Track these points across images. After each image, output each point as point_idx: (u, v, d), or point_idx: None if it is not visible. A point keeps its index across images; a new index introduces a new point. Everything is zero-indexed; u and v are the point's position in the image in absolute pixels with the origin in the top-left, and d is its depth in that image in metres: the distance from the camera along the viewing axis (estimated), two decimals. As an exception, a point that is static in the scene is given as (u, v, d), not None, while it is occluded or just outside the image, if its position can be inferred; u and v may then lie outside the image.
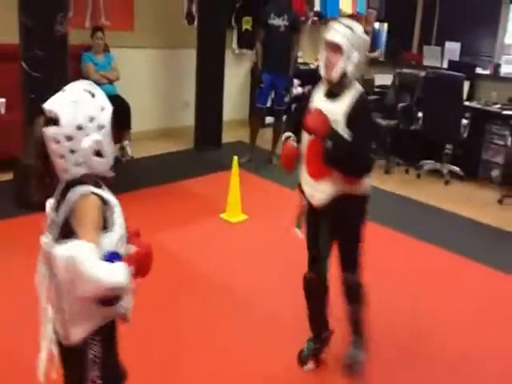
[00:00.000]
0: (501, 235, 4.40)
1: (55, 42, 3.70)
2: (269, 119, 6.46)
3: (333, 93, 2.20)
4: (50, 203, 1.46)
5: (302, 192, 2.34)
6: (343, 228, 2.29)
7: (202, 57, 5.55)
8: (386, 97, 5.87)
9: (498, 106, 5.54)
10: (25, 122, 3.86)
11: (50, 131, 1.36)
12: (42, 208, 1.51)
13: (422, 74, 5.56)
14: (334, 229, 2.30)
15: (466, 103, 5.48)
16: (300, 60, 7.12)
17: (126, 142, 5.48)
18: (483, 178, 5.73)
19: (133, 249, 1.44)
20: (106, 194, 1.43)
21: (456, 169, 5.67)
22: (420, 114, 5.53)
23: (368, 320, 2.42)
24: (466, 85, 5.38)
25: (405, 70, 5.80)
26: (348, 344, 2.43)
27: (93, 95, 1.41)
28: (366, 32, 7.28)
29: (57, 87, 1.52)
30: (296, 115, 2.39)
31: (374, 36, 6.70)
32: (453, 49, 6.02)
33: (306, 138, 2.24)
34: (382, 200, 5.05)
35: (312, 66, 7.97)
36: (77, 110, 1.37)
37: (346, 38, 2.12)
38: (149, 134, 6.04)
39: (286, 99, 5.47)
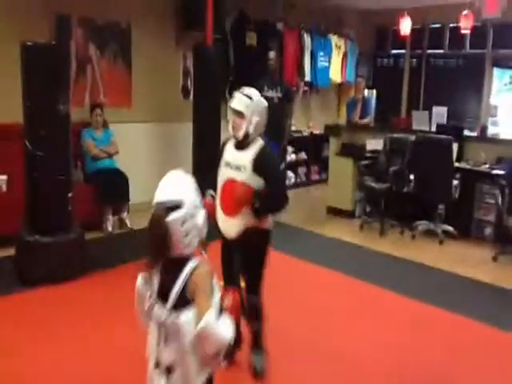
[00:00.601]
0: (497, 292, 4.43)
1: (57, 121, 3.87)
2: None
3: (241, 146, 2.74)
4: (142, 279, 1.68)
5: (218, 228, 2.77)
6: (252, 257, 2.78)
7: (198, 129, 5.76)
8: (378, 161, 6.03)
9: (487, 165, 5.70)
10: (26, 199, 3.98)
11: (177, 215, 1.62)
12: (43, 283, 1.65)
13: (412, 137, 5.76)
14: (244, 257, 2.77)
15: (456, 164, 5.64)
16: (293, 128, 7.37)
17: (124, 214, 5.58)
18: (476, 237, 5.80)
19: (227, 300, 1.64)
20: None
21: (450, 228, 5.75)
22: (412, 177, 5.68)
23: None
24: (455, 146, 5.56)
25: (395, 135, 6.00)
26: (254, 354, 2.95)
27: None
28: (357, 100, 7.69)
29: (58, 165, 1.72)
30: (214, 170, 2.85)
31: (364, 103, 6.98)
32: (440, 113, 6.27)
33: (220, 182, 2.76)
34: (379, 262, 5.11)
35: (305, 134, 8.25)
36: (190, 191, 1.68)
37: (246, 106, 2.68)
38: (147, 205, 6.12)
39: (282, 166, 5.64)
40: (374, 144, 6.30)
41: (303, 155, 8.35)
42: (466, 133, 6.17)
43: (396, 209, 6.06)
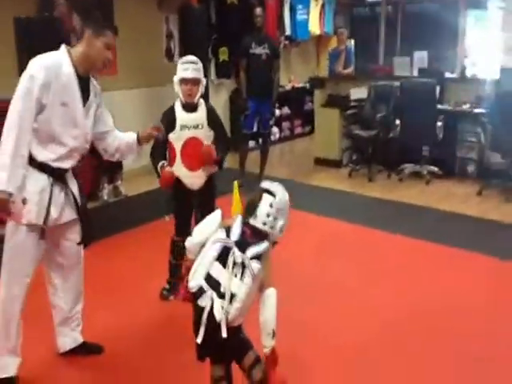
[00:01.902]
0: (485, 224, 4.74)
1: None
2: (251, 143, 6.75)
3: (192, 108, 3.10)
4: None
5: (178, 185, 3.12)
6: (210, 199, 3.26)
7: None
8: (363, 109, 6.22)
9: (467, 105, 5.95)
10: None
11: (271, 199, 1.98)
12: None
13: (396, 84, 5.94)
14: (205, 203, 3.18)
15: (438, 106, 5.86)
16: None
17: (118, 182, 5.69)
18: (460, 175, 6.11)
19: None
20: None
21: (435, 169, 6.03)
22: (397, 122, 5.89)
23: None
24: (437, 89, 5.77)
25: (379, 83, 6.18)
26: None
27: None
28: (339, 50, 7.79)
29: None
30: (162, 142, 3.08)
31: (347, 53, 7.10)
32: (421, 57, 6.43)
33: (177, 144, 3.08)
34: (370, 205, 5.37)
35: (287, 88, 8.35)
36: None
37: (198, 72, 3.07)
38: (138, 171, 6.23)
39: (271, 122, 5.81)
40: (358, 93, 6.47)
41: (286, 109, 8.46)
42: (447, 75, 6.37)
43: (382, 154, 6.31)
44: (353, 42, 8.62)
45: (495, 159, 5.79)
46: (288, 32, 7.81)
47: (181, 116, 3.09)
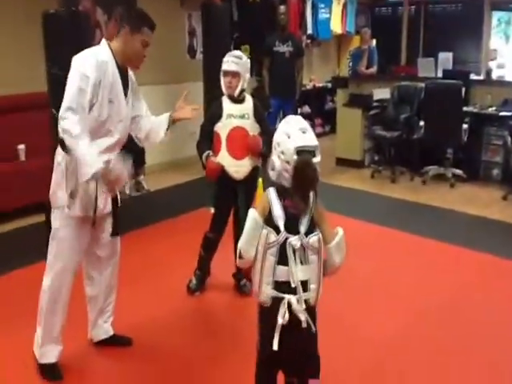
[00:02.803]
0: (509, 228, 4.66)
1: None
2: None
3: (237, 100, 3.15)
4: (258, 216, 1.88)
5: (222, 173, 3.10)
6: (252, 191, 3.20)
7: (208, 88, 5.80)
8: (386, 110, 6.15)
9: (493, 108, 5.84)
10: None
11: (318, 159, 1.85)
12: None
13: (421, 85, 5.86)
14: (247, 194, 3.17)
15: (464, 108, 5.77)
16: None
17: (141, 177, 5.70)
18: (485, 179, 6.01)
19: None
20: None
21: (459, 171, 5.94)
22: (421, 123, 5.81)
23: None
24: (462, 91, 5.68)
25: (403, 83, 6.10)
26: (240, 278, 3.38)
27: None
28: (362, 50, 7.73)
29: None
30: (208, 132, 3.20)
31: (370, 53, 7.02)
32: (445, 58, 6.34)
33: (223, 133, 3.10)
34: (394, 207, 5.30)
35: (307, 87, 8.30)
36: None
37: (239, 66, 3.11)
38: (160, 166, 6.25)
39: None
40: (381, 93, 6.40)
41: (307, 109, 8.41)
42: (472, 77, 6.28)
43: (405, 156, 6.22)
44: (374, 41, 8.58)
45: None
46: (310, 31, 7.75)
47: (227, 106, 3.15)
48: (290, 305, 1.84)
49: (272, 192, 1.89)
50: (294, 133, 1.82)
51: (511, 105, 5.75)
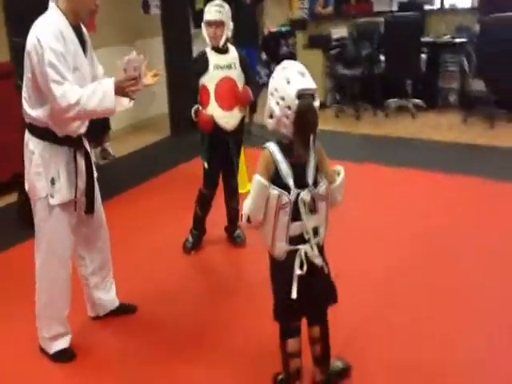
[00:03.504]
0: (474, 149, 4.98)
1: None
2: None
3: (222, 51, 3.13)
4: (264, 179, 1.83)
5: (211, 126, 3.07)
6: (241, 141, 3.29)
7: (169, 43, 5.72)
8: (347, 48, 6.24)
9: (448, 36, 6.04)
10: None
11: (317, 103, 1.82)
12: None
13: (379, 20, 5.96)
14: (237, 144, 3.24)
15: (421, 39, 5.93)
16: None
17: (107, 144, 5.57)
18: (443, 105, 6.27)
19: None
20: None
21: (419, 101, 6.17)
22: (382, 58, 5.95)
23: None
24: (420, 22, 5.83)
25: (361, 20, 6.19)
26: (232, 230, 3.43)
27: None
28: None
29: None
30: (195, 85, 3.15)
31: (325, -8, 7.03)
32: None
33: (211, 85, 3.07)
34: (361, 143, 5.50)
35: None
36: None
37: (223, 14, 3.06)
38: (124, 130, 6.13)
39: (259, 68, 5.76)
40: (339, 32, 6.49)
41: (263, 55, 8.35)
42: (426, 7, 6.42)
43: (367, 92, 6.38)
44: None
45: (476, 87, 5.96)
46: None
47: (213, 57, 3.10)
48: (305, 254, 1.87)
49: (275, 149, 1.84)
50: (293, 77, 1.77)
51: (464, 31, 5.96)
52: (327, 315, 2.05)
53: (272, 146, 1.85)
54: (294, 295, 1.86)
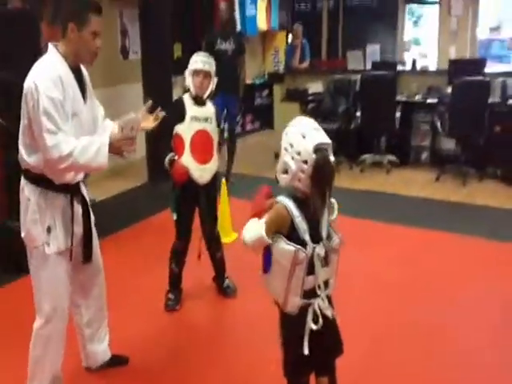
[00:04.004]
0: (448, 205, 5.09)
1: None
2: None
3: (201, 102, 3.08)
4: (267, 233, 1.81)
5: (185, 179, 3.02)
6: (215, 195, 3.29)
7: (149, 89, 5.68)
8: (323, 103, 6.37)
9: (419, 96, 6.27)
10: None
11: (333, 158, 1.82)
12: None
13: (354, 77, 6.14)
14: (210, 198, 3.19)
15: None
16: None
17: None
18: (415, 162, 6.44)
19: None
20: None
21: (393, 157, 6.31)
22: (358, 114, 6.10)
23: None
24: (395, 81, 6.03)
25: (337, 76, 6.36)
26: (221, 280, 3.37)
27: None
28: (295, 45, 7.87)
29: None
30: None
31: (303, 48, 7.22)
32: (373, 50, 6.68)
33: (187, 136, 3.01)
34: (338, 197, 5.49)
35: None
36: None
37: (211, 66, 3.07)
38: (101, 176, 5.98)
39: (238, 119, 5.78)
40: (315, 87, 6.63)
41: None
42: (399, 67, 6.68)
43: (342, 146, 6.47)
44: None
45: (447, 146, 6.18)
46: (239, 28, 7.79)
47: (191, 108, 3.05)
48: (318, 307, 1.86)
49: (290, 204, 1.82)
50: (308, 132, 1.80)
51: (435, 92, 6.20)
52: (335, 365, 2.01)
53: (287, 201, 1.82)
54: (306, 351, 1.82)
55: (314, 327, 1.84)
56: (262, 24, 8.28)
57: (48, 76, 2.01)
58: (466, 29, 7.74)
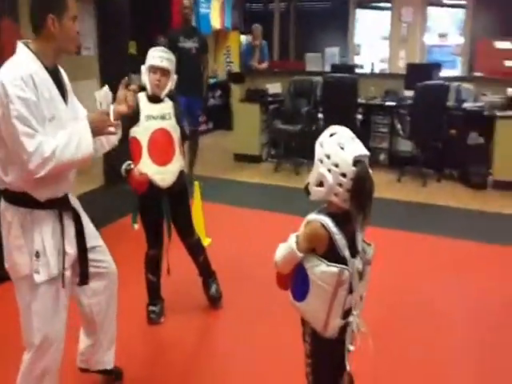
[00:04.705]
0: (411, 206, 5.20)
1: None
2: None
3: (157, 100, 2.81)
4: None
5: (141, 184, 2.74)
6: (185, 198, 2.97)
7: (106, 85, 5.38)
8: (284, 104, 6.31)
9: (378, 99, 6.36)
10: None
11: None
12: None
13: (316, 79, 6.13)
14: (178, 202, 2.90)
15: (355, 100, 6.17)
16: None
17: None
18: (374, 164, 6.47)
19: None
20: None
21: (352, 159, 6.35)
22: (320, 116, 6.09)
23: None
24: (357, 84, 6.06)
25: (298, 78, 6.32)
26: (208, 285, 3.17)
27: None
28: (254, 45, 7.75)
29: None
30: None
31: (262, 49, 7.13)
32: (332, 53, 6.71)
33: (143, 137, 2.75)
34: (297, 197, 5.43)
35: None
36: None
37: (170, 63, 2.80)
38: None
39: (201, 119, 5.60)
40: (274, 88, 6.56)
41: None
42: (358, 70, 6.75)
43: (303, 148, 6.45)
44: (244, 38, 8.71)
45: (405, 148, 6.32)
46: (193, 24, 7.59)
47: (146, 106, 2.78)
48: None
49: (329, 222, 1.69)
50: (346, 142, 1.69)
51: (392, 95, 6.31)
52: None
53: (324, 219, 1.69)
54: (348, 368, 1.74)
55: (352, 348, 1.73)
56: (215, 23, 8.14)
57: (17, 76, 1.76)
58: (416, 34, 7.97)
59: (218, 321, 3.17)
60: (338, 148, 1.68)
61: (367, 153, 1.71)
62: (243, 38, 8.37)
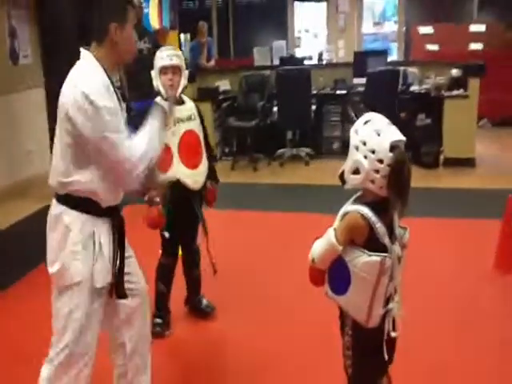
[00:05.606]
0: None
1: None
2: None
3: (178, 101, 2.72)
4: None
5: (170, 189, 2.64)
6: (202, 199, 2.88)
7: (53, 94, 5.10)
8: (237, 100, 6.26)
9: (328, 88, 6.45)
10: None
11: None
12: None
13: (268, 73, 6.12)
14: (200, 205, 2.85)
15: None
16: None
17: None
18: (328, 152, 6.60)
19: None
20: None
21: (308, 150, 6.41)
22: (274, 109, 6.09)
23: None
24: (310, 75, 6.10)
25: (248, 73, 6.29)
26: (199, 300, 3.04)
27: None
28: (201, 43, 7.61)
29: None
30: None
31: (209, 47, 7.02)
32: (280, 46, 6.72)
33: (174, 141, 2.66)
34: (264, 192, 5.46)
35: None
36: None
37: (181, 60, 2.72)
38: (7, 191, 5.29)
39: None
40: (224, 85, 6.50)
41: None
42: (306, 62, 6.80)
43: (259, 143, 6.43)
44: (182, 36, 8.55)
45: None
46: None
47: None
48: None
49: (368, 211, 1.66)
50: (383, 128, 1.66)
51: (342, 84, 6.42)
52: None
53: (363, 209, 1.67)
54: (386, 357, 1.73)
55: (394, 334, 1.72)
56: (154, 22, 7.91)
57: (99, 83, 1.76)
58: (353, 24, 8.15)
59: (221, 325, 3.04)
60: (375, 134, 1.65)
61: (404, 138, 1.67)
62: (182, 36, 8.21)
